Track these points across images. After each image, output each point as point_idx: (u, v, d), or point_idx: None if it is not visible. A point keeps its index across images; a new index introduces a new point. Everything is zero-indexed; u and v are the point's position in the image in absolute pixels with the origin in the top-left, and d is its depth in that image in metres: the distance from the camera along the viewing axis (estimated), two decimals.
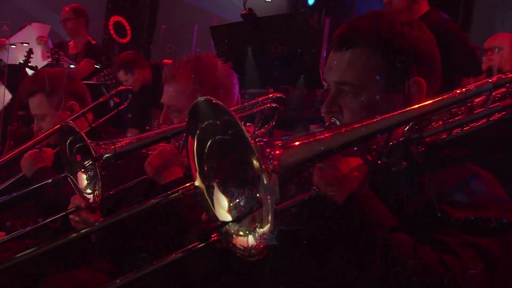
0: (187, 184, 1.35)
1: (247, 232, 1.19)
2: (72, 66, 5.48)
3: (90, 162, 1.83)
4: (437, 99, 1.41)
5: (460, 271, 1.24)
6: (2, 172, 2.97)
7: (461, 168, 1.46)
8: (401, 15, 1.51)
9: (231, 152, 1.26)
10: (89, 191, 1.91)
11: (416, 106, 1.39)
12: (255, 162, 1.15)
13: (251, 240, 1.18)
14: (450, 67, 3.42)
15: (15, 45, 6.38)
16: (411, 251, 1.25)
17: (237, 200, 1.26)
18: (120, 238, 2.23)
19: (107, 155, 1.85)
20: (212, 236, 1.27)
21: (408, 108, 1.39)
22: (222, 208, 1.27)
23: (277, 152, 1.18)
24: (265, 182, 1.10)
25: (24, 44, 5.88)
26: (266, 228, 1.14)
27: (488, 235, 1.30)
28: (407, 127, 1.45)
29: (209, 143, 1.28)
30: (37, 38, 5.64)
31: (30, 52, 5.67)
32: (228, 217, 1.25)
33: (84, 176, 1.93)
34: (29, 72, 5.60)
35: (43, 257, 2.64)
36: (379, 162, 1.43)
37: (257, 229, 1.17)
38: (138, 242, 2.19)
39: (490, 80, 1.46)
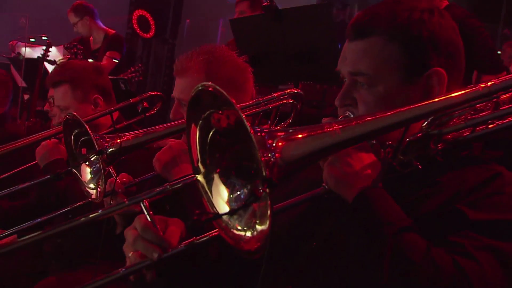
0: (190, 175, 1.34)
1: (245, 228, 1.17)
2: (90, 60, 5.55)
3: (94, 156, 1.84)
4: (459, 92, 1.36)
5: (476, 276, 1.20)
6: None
7: (483, 168, 1.42)
8: (421, 2, 1.48)
9: (233, 143, 1.24)
10: (92, 186, 1.92)
11: (436, 99, 1.34)
12: (258, 154, 1.12)
13: (249, 236, 1.16)
14: (469, 64, 3.40)
15: (34, 39, 6.51)
16: (423, 253, 1.22)
17: (238, 193, 1.24)
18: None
19: (111, 149, 1.86)
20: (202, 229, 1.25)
21: (426, 101, 1.33)
22: (222, 199, 1.25)
23: (280, 143, 1.15)
24: (264, 174, 1.07)
25: (43, 38, 5.99)
26: (266, 225, 1.12)
27: (508, 239, 1.26)
28: (426, 122, 1.41)
29: (211, 132, 1.26)
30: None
31: (48, 46, 5.76)
32: (226, 209, 1.23)
33: (88, 170, 1.94)
34: (48, 66, 5.70)
35: (46, 256, 2.70)
36: (392, 160, 1.40)
37: (256, 225, 1.15)
38: None
39: None
